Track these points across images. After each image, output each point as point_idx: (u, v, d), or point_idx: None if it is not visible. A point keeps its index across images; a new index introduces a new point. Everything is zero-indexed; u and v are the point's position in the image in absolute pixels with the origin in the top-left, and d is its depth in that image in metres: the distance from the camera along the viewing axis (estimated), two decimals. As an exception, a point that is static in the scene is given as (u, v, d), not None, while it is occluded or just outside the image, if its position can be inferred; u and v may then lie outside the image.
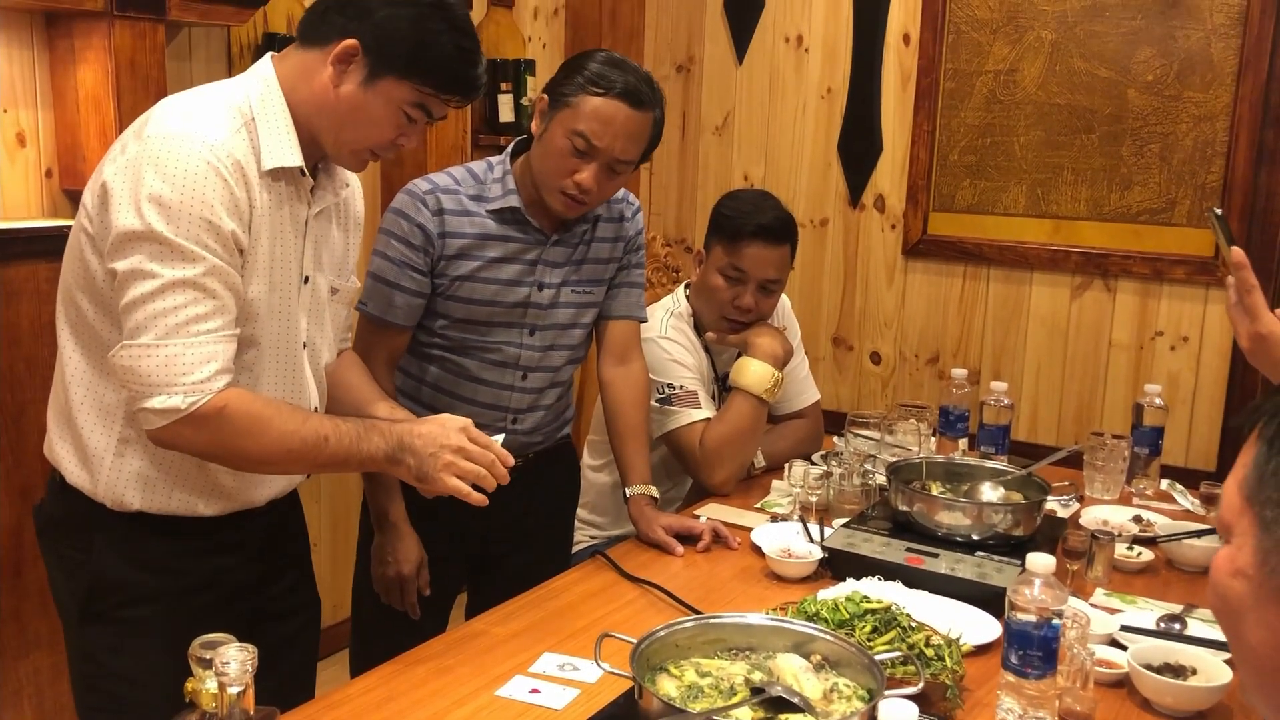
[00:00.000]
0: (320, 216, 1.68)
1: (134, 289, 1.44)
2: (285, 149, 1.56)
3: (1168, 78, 3.62)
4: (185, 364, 1.45)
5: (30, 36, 2.50)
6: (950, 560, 1.90)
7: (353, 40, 1.54)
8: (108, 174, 1.48)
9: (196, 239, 1.45)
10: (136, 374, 1.45)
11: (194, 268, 1.45)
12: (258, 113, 1.55)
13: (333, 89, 1.56)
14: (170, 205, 1.43)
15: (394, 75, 1.56)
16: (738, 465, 2.39)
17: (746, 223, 2.39)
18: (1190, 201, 3.64)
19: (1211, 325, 3.66)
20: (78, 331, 1.57)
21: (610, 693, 1.51)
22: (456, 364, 2.10)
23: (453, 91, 1.61)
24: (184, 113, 1.50)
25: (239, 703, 1.12)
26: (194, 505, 1.61)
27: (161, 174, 1.44)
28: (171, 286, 1.44)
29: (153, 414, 1.46)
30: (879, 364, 4.23)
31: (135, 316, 1.45)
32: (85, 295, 1.55)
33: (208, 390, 1.46)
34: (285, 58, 1.61)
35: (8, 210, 2.48)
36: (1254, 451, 0.82)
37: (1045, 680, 1.44)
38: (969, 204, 3.98)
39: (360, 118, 1.58)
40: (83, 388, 1.58)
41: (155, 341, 1.44)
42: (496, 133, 3.64)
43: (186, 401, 1.45)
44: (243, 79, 1.60)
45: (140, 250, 1.44)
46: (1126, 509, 2.31)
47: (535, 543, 2.26)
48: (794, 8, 4.21)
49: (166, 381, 1.44)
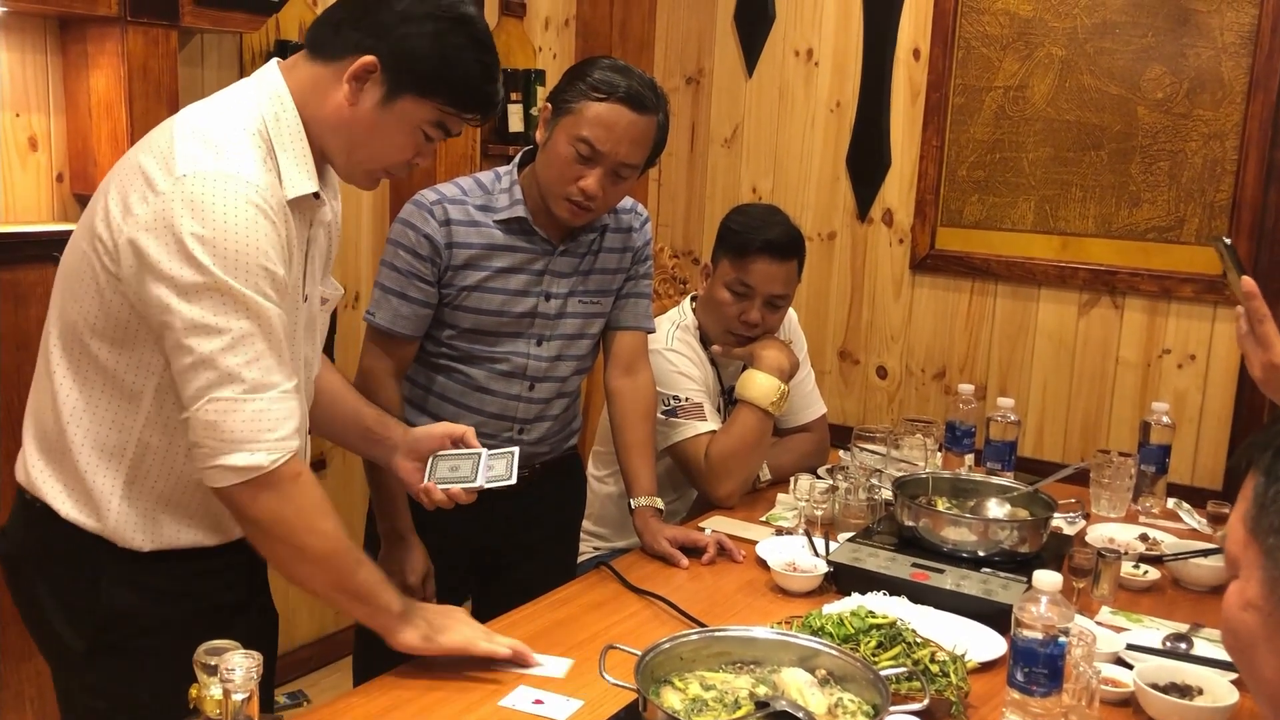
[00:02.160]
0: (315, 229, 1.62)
1: (202, 344, 1.37)
2: (304, 176, 1.49)
3: (1177, 95, 3.62)
4: (271, 420, 1.39)
5: (44, 41, 2.51)
6: (956, 576, 1.89)
7: (371, 57, 1.46)
8: (134, 224, 1.38)
9: (257, 288, 1.38)
10: (219, 429, 1.38)
11: (260, 318, 1.39)
12: (274, 136, 1.47)
13: (348, 107, 1.49)
14: (227, 254, 1.36)
15: (414, 94, 1.49)
16: (743, 478, 2.38)
17: (754, 238, 2.39)
18: (1199, 219, 3.64)
19: (1219, 344, 3.66)
20: (83, 374, 1.48)
21: (614, 705, 1.50)
22: (464, 374, 2.10)
23: (474, 110, 1.55)
24: (214, 146, 1.41)
25: (244, 709, 1.12)
26: (199, 538, 1.56)
27: (209, 221, 1.35)
28: (244, 339, 1.38)
29: (231, 471, 1.39)
30: (885, 378, 4.22)
31: (206, 374, 1.37)
32: (101, 340, 1.46)
33: (289, 449, 1.41)
34: (294, 69, 1.53)
35: (18, 214, 2.49)
36: (1253, 484, 0.82)
37: (1051, 698, 1.44)
38: (977, 219, 3.98)
39: (377, 138, 1.51)
40: (82, 429, 1.49)
41: (242, 396, 1.38)
42: (506, 143, 3.65)
43: (270, 459, 1.39)
44: (253, 93, 1.50)
45: (203, 303, 1.36)
46: (1133, 527, 2.30)
47: (541, 554, 2.25)
48: (804, 21, 4.22)
49: (252, 438, 1.38)
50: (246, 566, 1.68)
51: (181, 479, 1.52)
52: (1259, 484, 0.82)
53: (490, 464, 1.76)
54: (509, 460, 1.76)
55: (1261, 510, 0.81)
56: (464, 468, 1.77)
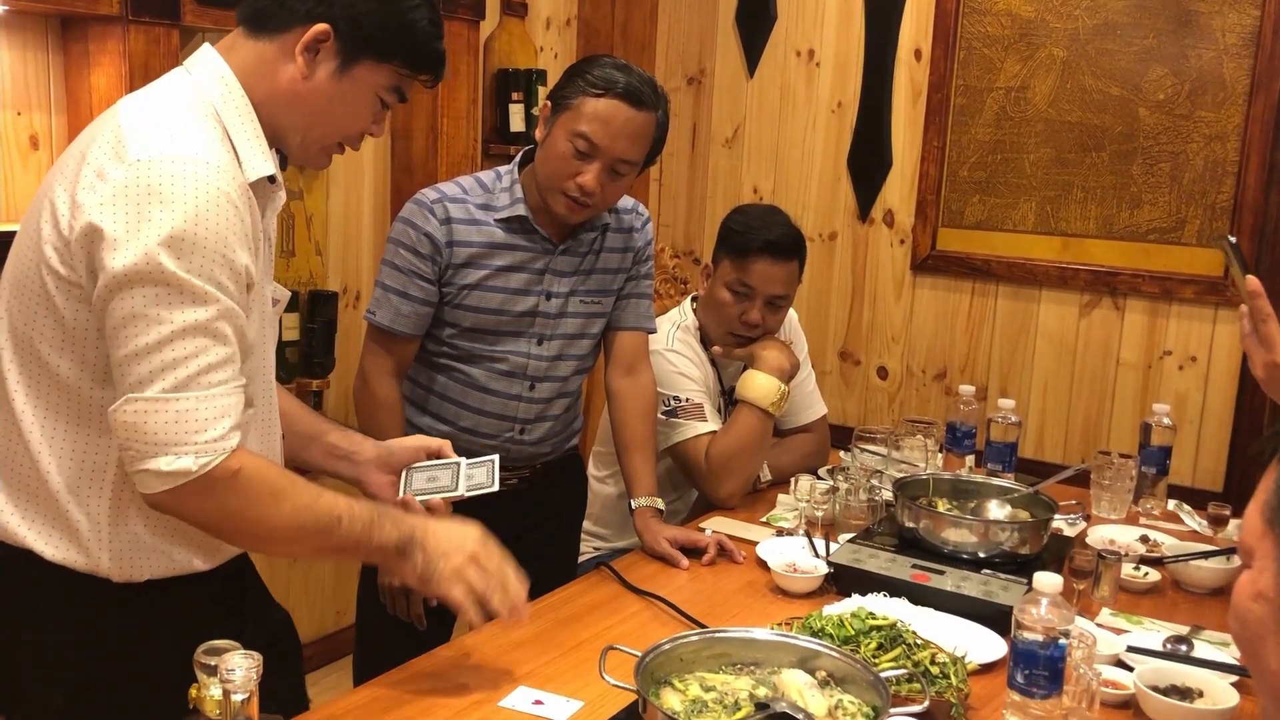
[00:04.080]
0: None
1: (137, 337, 1.28)
2: (260, 158, 1.41)
3: (1179, 97, 3.62)
4: (198, 420, 1.29)
5: (45, 40, 2.51)
6: (956, 577, 1.89)
7: (323, 25, 1.39)
8: (88, 209, 1.29)
9: (209, 277, 1.29)
10: (141, 432, 1.28)
11: (205, 310, 1.30)
12: (225, 118, 1.39)
13: (302, 80, 1.41)
14: (184, 240, 1.27)
15: (371, 59, 1.43)
16: (743, 479, 2.38)
17: (755, 238, 2.39)
18: (1200, 221, 3.64)
19: (1220, 345, 3.66)
20: (39, 390, 1.38)
21: (614, 706, 1.50)
22: (464, 373, 2.10)
23: (428, 69, 1.50)
24: (167, 130, 1.33)
25: (243, 710, 1.11)
26: (193, 562, 1.47)
27: (168, 205, 1.27)
28: (182, 333, 1.28)
29: (156, 476, 1.29)
30: (886, 379, 4.22)
31: (138, 369, 1.28)
32: (52, 347, 1.36)
33: (221, 449, 1.31)
34: (233, 49, 1.44)
35: (19, 212, 2.49)
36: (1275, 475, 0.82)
37: (1051, 700, 1.44)
38: (978, 220, 3.98)
39: (336, 109, 1.45)
40: (55, 456, 1.38)
41: (164, 395, 1.28)
42: (507, 142, 3.64)
43: (199, 463, 1.29)
44: (195, 79, 1.42)
45: (142, 292, 1.27)
46: (1133, 529, 2.30)
47: (542, 554, 2.25)
48: (806, 22, 4.22)
49: (175, 440, 1.28)
50: (240, 589, 1.62)
51: None
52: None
53: (470, 473, 1.72)
54: (489, 468, 1.72)
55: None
56: (443, 478, 1.72)
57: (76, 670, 1.44)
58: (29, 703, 1.47)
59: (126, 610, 1.44)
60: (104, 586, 1.42)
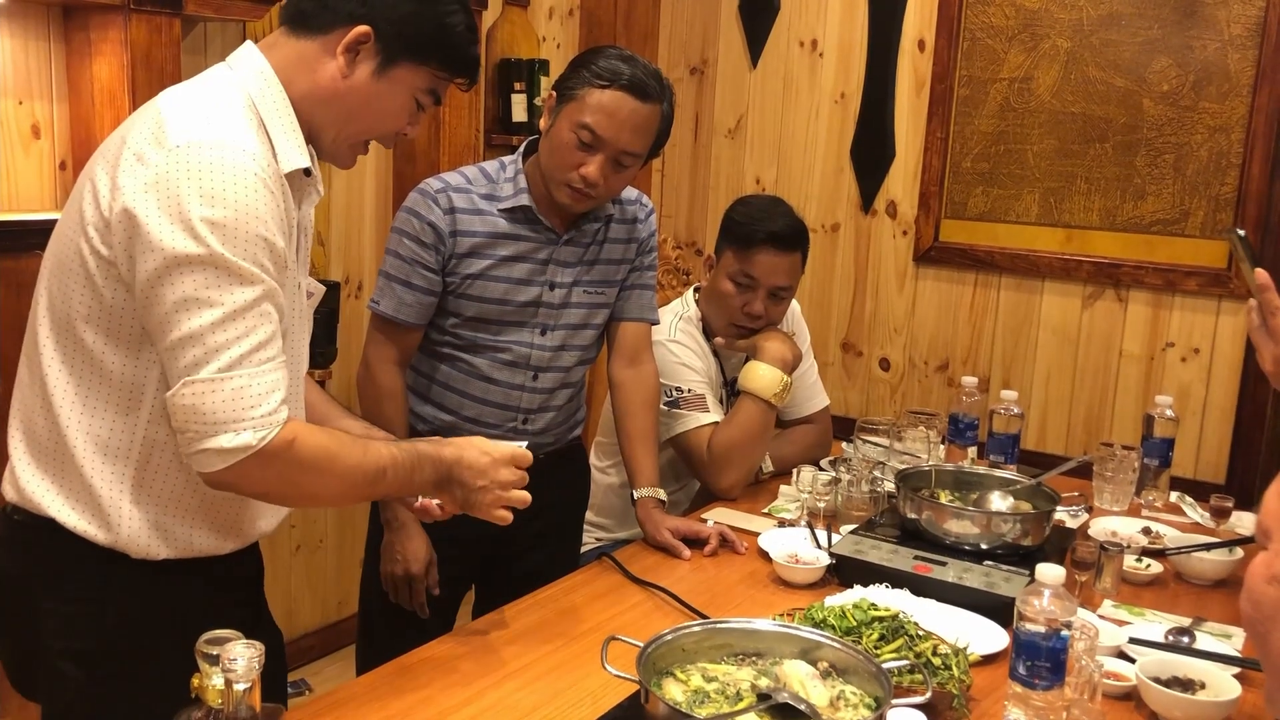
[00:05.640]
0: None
1: (191, 320, 1.32)
2: (296, 150, 1.45)
3: (1183, 88, 3.61)
4: (253, 396, 1.33)
5: (47, 29, 2.51)
6: (958, 569, 1.89)
7: (365, 26, 1.44)
8: (128, 193, 1.33)
9: (254, 259, 1.34)
10: (199, 412, 1.32)
11: (253, 290, 1.34)
12: (262, 111, 1.44)
13: (342, 80, 1.46)
14: (226, 225, 1.31)
15: (410, 60, 1.47)
16: (745, 470, 2.38)
17: (758, 229, 2.38)
18: (1204, 213, 3.63)
19: (1223, 337, 3.65)
20: (78, 370, 1.42)
21: (615, 696, 1.50)
22: (468, 363, 2.10)
23: (464, 73, 1.54)
24: (204, 117, 1.37)
25: (245, 699, 1.11)
26: (215, 543, 1.51)
27: (207, 190, 1.31)
28: (234, 315, 1.33)
29: (218, 454, 1.33)
30: (888, 370, 4.22)
31: (192, 351, 1.32)
32: (97, 332, 1.40)
33: (276, 422, 1.35)
34: (275, 47, 1.49)
35: (21, 202, 2.49)
36: None
37: (1053, 692, 1.44)
38: (981, 211, 3.97)
39: (372, 109, 1.49)
40: (81, 429, 1.42)
41: (220, 375, 1.32)
42: (509, 132, 3.64)
43: (258, 437, 1.33)
44: (235, 73, 1.46)
45: (194, 276, 1.31)
46: (1136, 520, 2.30)
47: (545, 544, 2.25)
48: (809, 12, 4.20)
49: (235, 417, 1.32)
50: (256, 580, 1.65)
51: (193, 477, 1.43)
52: None
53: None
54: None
55: None
56: None
57: (93, 644, 1.46)
58: (47, 676, 1.49)
59: (143, 587, 1.47)
60: (122, 561, 1.45)
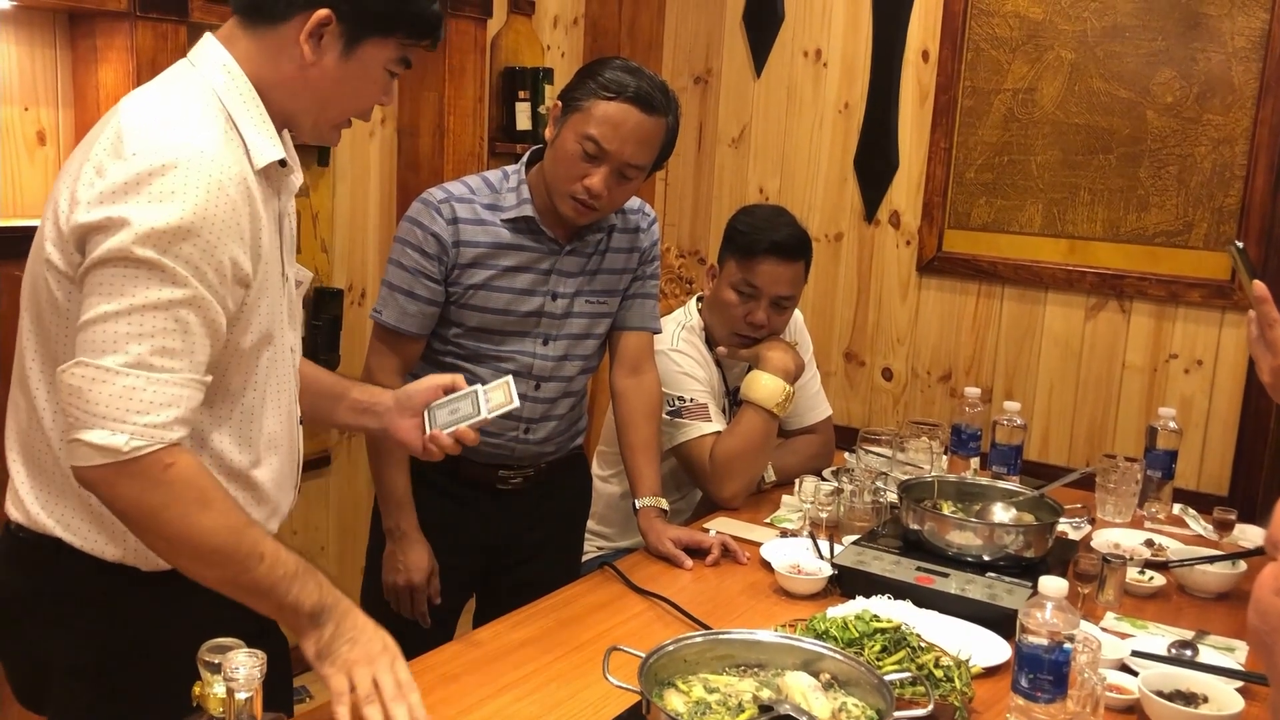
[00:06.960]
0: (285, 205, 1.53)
1: (101, 304, 1.26)
2: (268, 143, 1.41)
3: (1187, 100, 3.61)
4: (142, 401, 1.26)
5: (53, 36, 2.51)
6: (961, 580, 1.89)
7: (324, 10, 1.39)
8: (83, 206, 1.29)
9: (187, 261, 1.28)
10: (84, 399, 1.25)
11: (173, 291, 1.27)
12: (230, 106, 1.39)
13: (310, 67, 1.41)
14: (168, 228, 1.26)
15: (376, 36, 1.43)
16: (747, 479, 2.38)
17: (761, 239, 2.39)
18: (1208, 224, 3.63)
19: (1226, 349, 3.65)
20: (54, 384, 1.37)
21: (617, 707, 1.50)
22: (470, 373, 2.10)
23: (429, 35, 1.49)
24: (163, 121, 1.33)
25: (247, 708, 1.11)
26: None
27: (159, 194, 1.27)
28: (143, 309, 1.26)
29: (87, 448, 1.25)
30: (891, 380, 4.21)
31: (94, 335, 1.26)
32: (59, 343, 1.36)
33: (159, 438, 1.27)
34: (234, 39, 1.44)
35: (27, 208, 2.50)
36: None
37: (1055, 705, 1.44)
38: (984, 222, 3.97)
39: (346, 90, 1.45)
40: None
41: (117, 367, 1.25)
42: (513, 141, 3.64)
43: (130, 445, 1.25)
44: (199, 70, 1.42)
45: (121, 269, 1.26)
46: (1138, 532, 2.29)
47: (546, 553, 2.25)
48: (813, 22, 4.21)
49: (116, 416, 1.25)
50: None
51: None
52: None
53: (488, 396, 1.70)
54: (505, 388, 1.71)
55: None
56: (464, 408, 1.70)
57: (102, 658, 1.44)
58: (55, 691, 1.48)
59: (154, 599, 1.44)
60: (132, 575, 1.42)
